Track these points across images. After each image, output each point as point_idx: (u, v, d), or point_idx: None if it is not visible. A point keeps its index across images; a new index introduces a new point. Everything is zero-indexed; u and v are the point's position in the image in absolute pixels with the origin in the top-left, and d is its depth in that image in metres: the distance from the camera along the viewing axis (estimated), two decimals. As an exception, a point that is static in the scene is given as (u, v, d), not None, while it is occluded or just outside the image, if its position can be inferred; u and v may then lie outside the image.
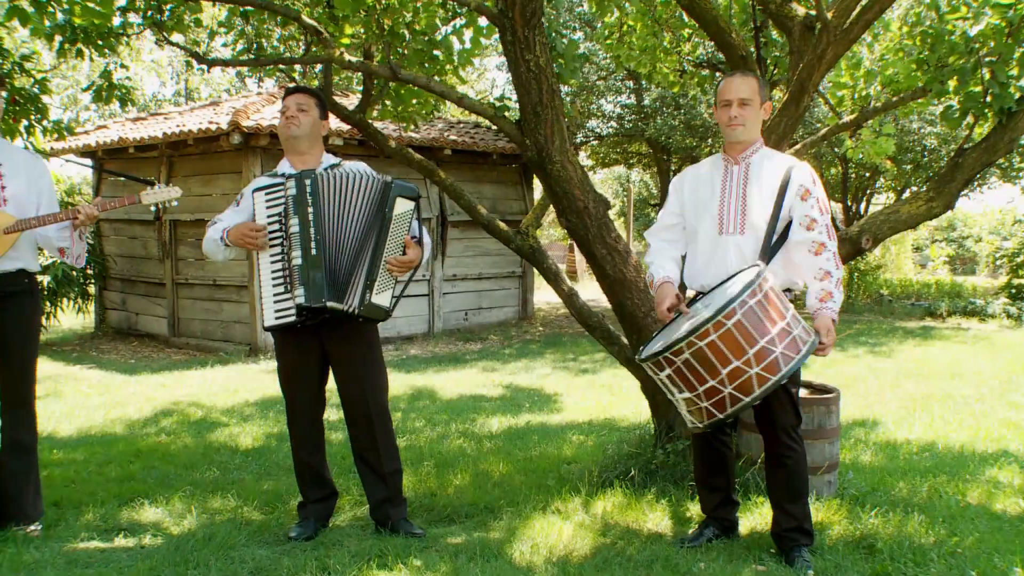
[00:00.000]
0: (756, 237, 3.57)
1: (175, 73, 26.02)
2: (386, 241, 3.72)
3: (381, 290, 3.72)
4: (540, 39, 4.24)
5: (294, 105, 3.93)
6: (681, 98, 12.38)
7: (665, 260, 3.78)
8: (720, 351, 3.28)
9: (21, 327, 3.95)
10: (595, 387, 8.57)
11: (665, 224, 3.87)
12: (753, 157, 3.64)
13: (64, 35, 5.30)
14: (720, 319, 3.27)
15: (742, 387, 3.27)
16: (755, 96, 3.58)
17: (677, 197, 3.85)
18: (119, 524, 4.15)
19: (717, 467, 3.83)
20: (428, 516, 4.25)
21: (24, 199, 3.91)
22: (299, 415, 3.98)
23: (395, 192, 3.73)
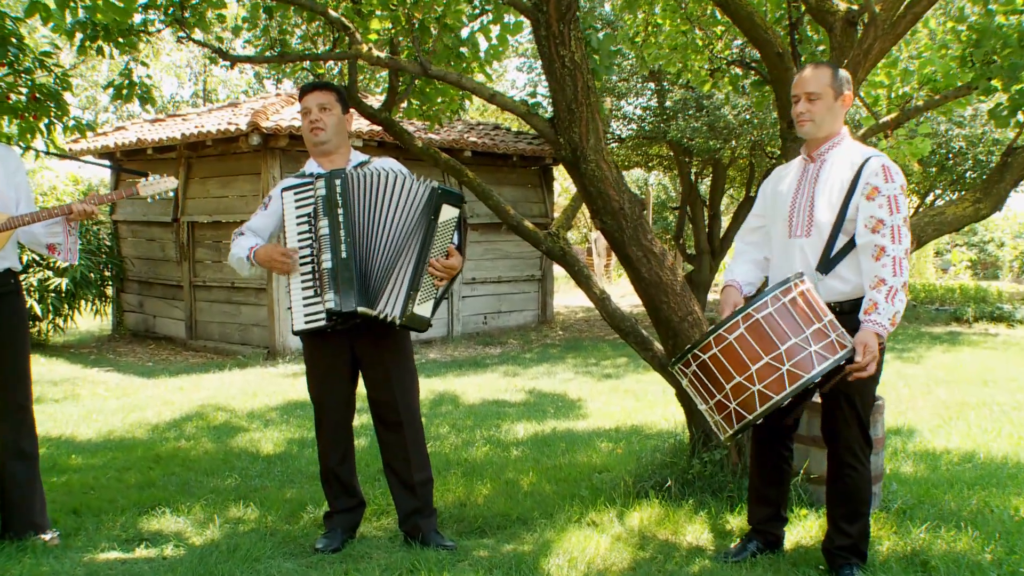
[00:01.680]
0: (821, 239, 3.37)
1: (193, 74, 26.01)
2: (430, 249, 3.55)
3: (423, 300, 3.56)
4: (575, 34, 4.10)
5: (315, 106, 3.75)
6: (705, 99, 12.21)
7: (740, 263, 3.64)
8: (723, 365, 3.16)
9: (11, 329, 3.81)
10: (619, 392, 8.41)
11: (750, 227, 3.72)
12: (830, 153, 3.43)
13: (85, 32, 5.19)
14: (722, 332, 3.14)
15: (744, 404, 3.14)
16: (826, 89, 3.38)
17: (762, 199, 3.69)
18: (140, 534, 4.03)
19: (773, 480, 3.67)
20: (458, 527, 4.11)
21: (5, 195, 3.77)
22: (327, 421, 3.84)
23: (441, 198, 3.56)
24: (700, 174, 15.98)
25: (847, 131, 3.51)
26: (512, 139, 13.46)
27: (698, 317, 4.47)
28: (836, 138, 3.46)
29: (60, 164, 13.30)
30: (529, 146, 13.24)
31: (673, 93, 13.04)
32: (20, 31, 5.19)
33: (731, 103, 11.88)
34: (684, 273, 13.64)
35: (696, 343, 3.19)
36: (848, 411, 3.37)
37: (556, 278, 16.60)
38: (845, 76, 3.46)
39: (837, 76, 3.44)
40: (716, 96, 11.88)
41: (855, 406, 3.37)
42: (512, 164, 13.28)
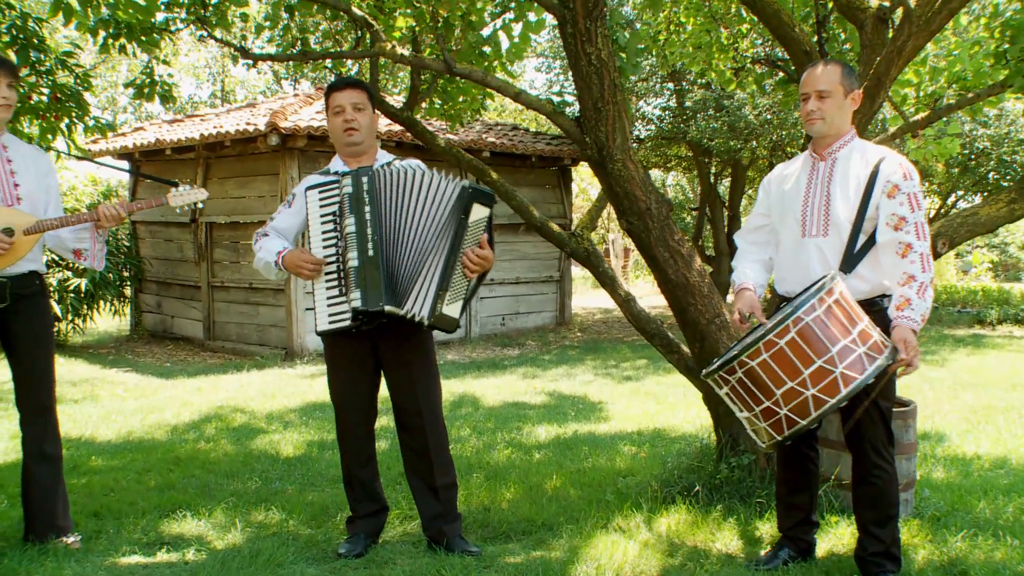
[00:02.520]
0: (840, 238, 3.31)
1: (212, 75, 26.08)
2: (460, 248, 3.48)
3: (452, 300, 3.49)
4: (602, 31, 4.04)
5: (349, 105, 3.67)
6: (725, 99, 12.11)
7: (747, 264, 3.56)
8: (773, 371, 3.07)
9: (36, 330, 3.78)
10: (640, 395, 8.33)
11: (752, 225, 3.65)
12: (841, 151, 3.38)
13: (108, 30, 5.17)
14: (771, 338, 3.06)
15: (797, 409, 3.06)
16: (836, 87, 3.32)
17: (765, 197, 3.62)
18: (161, 537, 3.99)
19: (801, 485, 3.58)
20: (482, 532, 4.04)
21: (36, 197, 3.75)
22: (350, 424, 3.78)
23: (472, 197, 3.48)
24: (719, 175, 15.87)
25: (855, 129, 3.47)
26: (531, 140, 13.41)
27: (726, 320, 4.39)
28: (846, 136, 3.41)
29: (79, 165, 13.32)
30: (548, 146, 13.18)
31: (693, 93, 12.95)
32: (42, 32, 5.16)
33: (752, 103, 11.77)
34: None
35: (744, 349, 3.09)
36: (873, 411, 3.31)
37: (573, 279, 16.51)
38: (855, 74, 3.41)
39: (847, 74, 3.38)
40: (737, 96, 11.78)
41: (879, 406, 3.31)
42: (531, 165, 13.22)
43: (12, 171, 3.69)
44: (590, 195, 24.61)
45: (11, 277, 3.66)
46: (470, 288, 3.58)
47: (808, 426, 3.05)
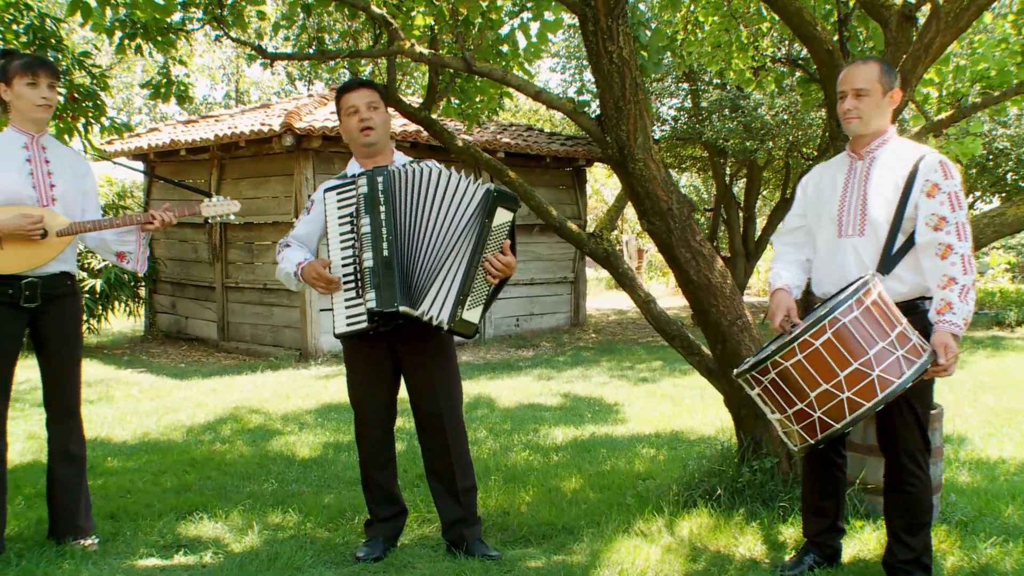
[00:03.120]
0: (877, 239, 3.24)
1: (226, 76, 26.13)
2: (483, 253, 3.42)
3: (473, 305, 3.44)
4: (624, 29, 3.99)
5: (363, 104, 3.63)
6: (741, 100, 12.03)
7: (783, 265, 3.50)
8: (808, 372, 3.00)
9: (65, 331, 3.77)
10: (656, 397, 8.27)
11: (790, 226, 3.59)
12: (880, 150, 3.31)
13: (124, 31, 5.16)
14: (807, 338, 3.00)
15: (832, 412, 2.99)
16: (874, 85, 3.25)
17: (802, 198, 3.56)
18: (178, 540, 3.96)
19: (828, 491, 3.52)
20: (502, 536, 3.99)
21: (71, 199, 3.75)
22: (369, 427, 3.74)
23: (497, 201, 3.43)
24: (734, 175, 15.78)
25: (894, 128, 3.39)
26: (545, 140, 13.36)
27: (748, 321, 4.34)
28: (885, 135, 3.34)
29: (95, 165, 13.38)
30: (562, 147, 13.13)
31: (709, 94, 12.87)
32: (59, 32, 5.15)
33: (770, 103, 11.69)
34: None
35: (778, 349, 3.04)
36: (909, 416, 3.24)
37: (588, 280, 16.45)
38: (894, 72, 3.34)
39: (886, 71, 3.31)
40: (753, 96, 11.70)
41: (915, 410, 3.24)
42: (545, 165, 13.17)
43: (49, 171, 3.69)
44: (604, 196, 24.55)
45: (42, 277, 3.65)
46: (490, 293, 3.53)
47: (842, 430, 2.99)
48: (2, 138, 3.68)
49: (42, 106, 3.63)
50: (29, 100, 3.60)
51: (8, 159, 3.61)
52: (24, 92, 3.59)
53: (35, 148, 3.68)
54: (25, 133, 3.67)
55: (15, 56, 3.67)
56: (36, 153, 3.67)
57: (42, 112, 3.65)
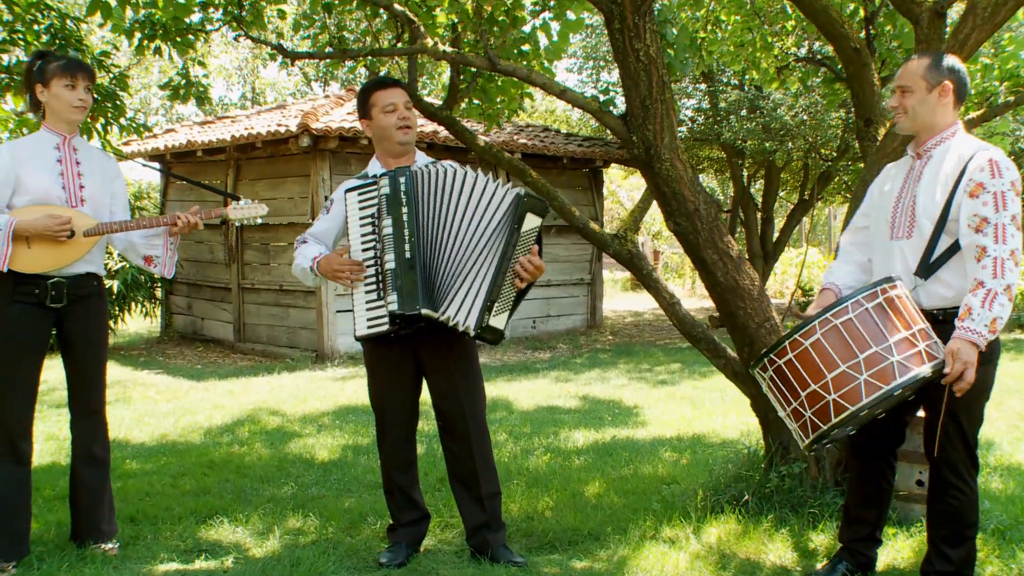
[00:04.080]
0: (921, 241, 3.14)
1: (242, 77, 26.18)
2: (511, 259, 3.37)
3: (500, 311, 3.39)
4: (651, 26, 3.93)
5: (403, 103, 3.59)
6: (760, 100, 11.93)
7: (840, 264, 3.43)
8: (798, 372, 2.98)
9: (91, 332, 3.75)
10: (676, 400, 8.19)
11: (854, 226, 3.51)
12: (936, 149, 3.20)
13: (143, 31, 5.13)
14: (797, 337, 2.97)
15: (819, 413, 2.96)
16: (918, 81, 3.16)
17: (869, 198, 3.47)
18: (199, 544, 3.91)
19: (873, 498, 3.43)
20: (527, 542, 3.93)
21: (100, 201, 3.74)
22: (391, 431, 3.69)
23: (526, 206, 3.36)
24: (752, 177, 15.67)
25: (961, 125, 3.26)
26: (562, 141, 13.29)
27: (776, 323, 4.26)
28: (945, 132, 3.21)
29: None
30: (579, 148, 13.06)
31: (727, 94, 12.77)
32: (79, 32, 5.13)
33: (794, 102, 11.57)
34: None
35: (772, 347, 3.03)
36: (951, 427, 3.13)
37: (605, 282, 16.37)
38: (947, 65, 3.23)
39: (934, 66, 3.18)
40: (772, 96, 11.59)
41: (959, 422, 3.13)
42: (562, 166, 13.10)
43: (79, 172, 3.68)
44: (619, 197, 24.48)
45: (69, 277, 3.63)
46: (516, 299, 3.47)
47: (829, 432, 2.93)
48: (35, 139, 3.69)
49: (78, 107, 3.64)
50: (66, 101, 3.60)
51: (40, 159, 3.61)
52: (62, 93, 3.60)
53: (67, 149, 3.67)
54: (58, 134, 3.67)
55: (52, 58, 3.68)
56: (67, 154, 3.67)
57: (78, 114, 3.66)
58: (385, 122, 3.61)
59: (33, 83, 3.64)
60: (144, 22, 5.12)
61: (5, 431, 3.56)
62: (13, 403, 3.57)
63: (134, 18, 5.11)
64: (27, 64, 3.79)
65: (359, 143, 10.62)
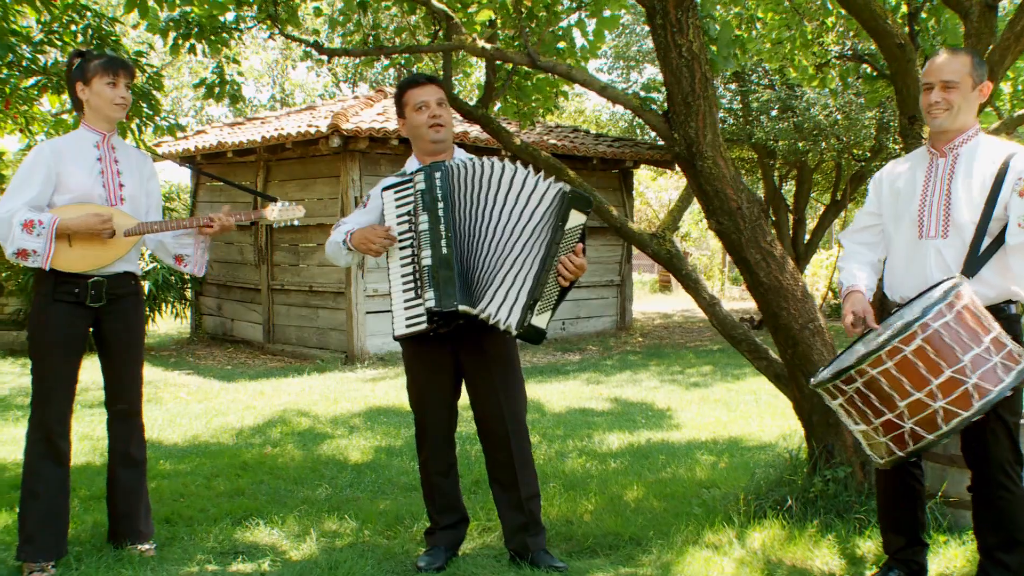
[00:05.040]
0: (962, 240, 3.08)
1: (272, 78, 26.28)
2: (555, 258, 3.30)
3: (542, 311, 3.31)
4: (693, 22, 3.85)
5: (434, 101, 3.52)
6: (793, 99, 11.78)
7: (857, 266, 3.33)
8: (897, 381, 2.83)
9: (128, 332, 3.73)
10: (709, 402, 8.09)
11: (861, 225, 3.42)
12: (964, 147, 3.15)
13: (178, 30, 5.12)
14: (896, 344, 2.82)
15: (924, 422, 2.81)
16: (964, 77, 3.09)
17: (875, 195, 3.39)
18: (235, 546, 3.88)
19: (904, 504, 3.32)
20: (566, 547, 3.86)
21: (138, 200, 3.72)
22: (431, 433, 3.63)
23: (571, 203, 3.29)
24: (784, 177, 15.49)
25: (979, 125, 3.23)
26: (592, 141, 13.22)
27: (820, 325, 4.17)
28: (971, 131, 3.18)
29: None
30: (609, 148, 12.98)
31: (759, 94, 12.62)
32: (115, 32, 5.13)
33: (821, 103, 11.42)
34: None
35: (864, 357, 2.85)
36: (998, 426, 3.06)
37: (635, 283, 16.26)
38: (984, 64, 3.17)
39: (977, 64, 3.14)
40: (806, 95, 11.45)
41: (1004, 420, 3.06)
42: (592, 167, 13.02)
43: (119, 171, 3.67)
44: (647, 198, 24.35)
45: (108, 277, 3.61)
46: (558, 298, 3.40)
47: (936, 441, 2.81)
48: (75, 137, 3.67)
49: (120, 105, 3.63)
50: (108, 99, 3.58)
51: (80, 158, 3.59)
52: (104, 91, 3.58)
53: (106, 147, 3.65)
54: (97, 132, 3.65)
55: (92, 55, 3.66)
56: (106, 152, 3.65)
57: (119, 111, 3.65)
58: (416, 120, 3.55)
59: (74, 81, 3.62)
60: (179, 21, 5.11)
61: (45, 431, 3.55)
62: (53, 403, 3.56)
63: (168, 17, 5.10)
64: (67, 62, 3.78)
65: (389, 144, 10.60)
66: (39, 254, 3.44)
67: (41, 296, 3.57)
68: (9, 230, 3.43)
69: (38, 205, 3.50)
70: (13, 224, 3.42)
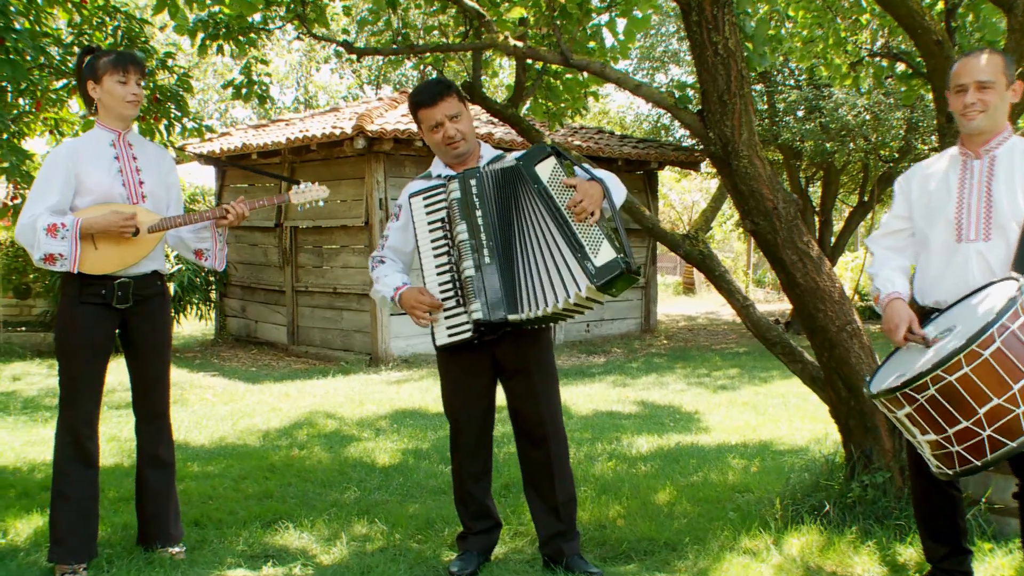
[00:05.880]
0: (1007, 243, 2.99)
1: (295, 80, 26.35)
2: (561, 210, 3.22)
3: (595, 249, 3.15)
4: (729, 18, 3.79)
5: (446, 119, 3.43)
6: (820, 99, 11.65)
7: (891, 272, 3.23)
8: (976, 387, 2.70)
9: (155, 333, 3.69)
10: (737, 405, 8.01)
11: (890, 229, 3.32)
12: (1000, 149, 3.07)
13: (206, 31, 5.11)
14: (974, 348, 2.69)
15: (1005, 429, 2.70)
16: (999, 76, 3.00)
17: (904, 199, 3.29)
18: (265, 549, 3.84)
19: (943, 511, 3.22)
20: (600, 552, 3.80)
21: (159, 196, 3.67)
22: (466, 437, 3.58)
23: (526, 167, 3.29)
24: (811, 178, 15.33)
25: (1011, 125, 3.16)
26: (616, 143, 13.15)
27: (858, 327, 4.09)
28: (1005, 132, 3.11)
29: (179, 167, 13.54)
30: (634, 150, 12.90)
31: (786, 94, 12.49)
32: (146, 33, 5.12)
33: (850, 103, 11.28)
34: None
35: (940, 362, 2.72)
36: None
37: (659, 286, 16.17)
38: (1014, 64, 3.10)
39: (1009, 63, 3.08)
40: (835, 97, 11.31)
41: None
42: (616, 168, 12.94)
43: (137, 168, 3.62)
44: (670, 200, 24.23)
45: (134, 277, 3.57)
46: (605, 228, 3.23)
47: (1017, 449, 2.70)
48: (90, 137, 3.62)
49: (132, 102, 3.56)
50: (119, 97, 3.53)
51: (98, 158, 3.54)
52: (115, 89, 3.52)
53: (122, 145, 3.61)
54: (112, 130, 3.60)
55: (102, 53, 3.60)
56: (123, 150, 3.60)
57: (132, 108, 3.59)
58: (433, 139, 3.52)
59: (84, 80, 3.56)
60: (207, 21, 5.10)
61: (73, 433, 3.53)
62: (80, 405, 3.54)
63: (197, 18, 5.09)
64: (76, 61, 3.70)
65: (414, 145, 10.57)
66: (66, 257, 3.41)
67: (67, 299, 3.53)
68: (34, 235, 3.40)
69: (60, 210, 3.46)
70: (37, 229, 3.39)
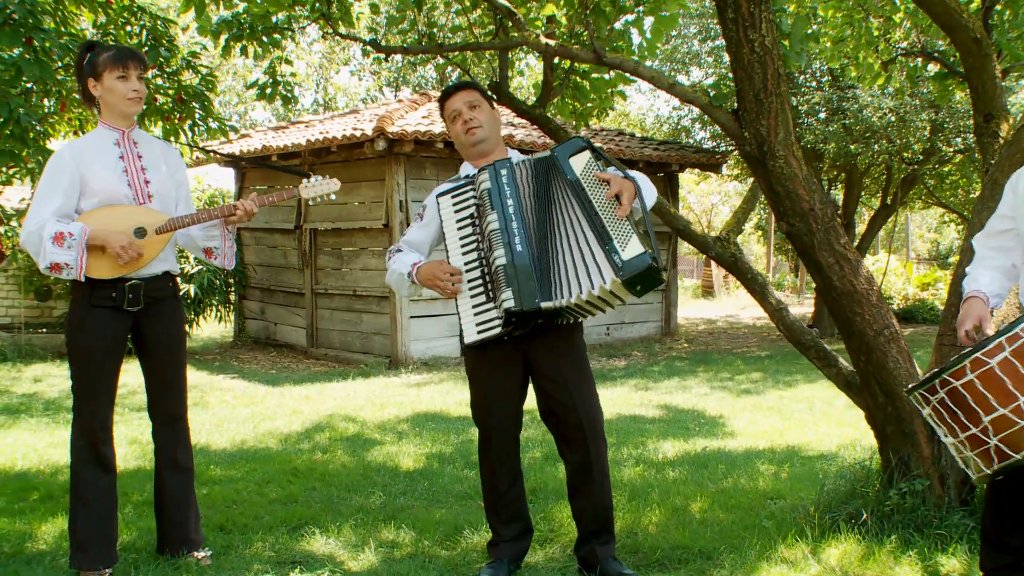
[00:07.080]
0: None
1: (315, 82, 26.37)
2: (592, 203, 3.18)
3: (623, 244, 3.08)
4: (766, 16, 3.71)
5: (464, 105, 3.45)
6: (844, 101, 11.52)
7: (983, 271, 3.11)
8: (981, 394, 2.64)
9: (169, 335, 3.61)
10: (762, 410, 7.90)
11: (994, 229, 3.17)
12: None
13: (230, 32, 5.07)
14: (979, 356, 2.63)
15: (1009, 441, 2.62)
16: None
17: (1012, 197, 3.16)
18: (292, 556, 3.78)
19: (1015, 523, 3.10)
20: (633, 559, 3.72)
21: (167, 194, 3.58)
22: (496, 440, 3.51)
23: (561, 157, 3.27)
24: (833, 181, 15.19)
25: None
26: (638, 145, 13.07)
27: (896, 331, 4.00)
28: None
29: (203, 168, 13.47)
30: (655, 152, 12.82)
31: (809, 95, 12.37)
32: (171, 32, 5.09)
33: (875, 104, 11.14)
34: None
35: (946, 367, 2.69)
36: None
37: (680, 289, 16.06)
38: None
39: None
40: (860, 98, 11.17)
41: None
42: (637, 170, 12.85)
43: (143, 167, 3.52)
44: (689, 203, 24.12)
45: (145, 279, 3.50)
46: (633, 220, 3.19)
47: (1022, 462, 2.62)
48: (94, 137, 3.52)
49: (133, 99, 3.46)
50: (120, 94, 3.43)
51: (102, 158, 3.45)
52: (115, 86, 3.43)
53: (127, 144, 3.51)
54: (116, 129, 3.51)
55: (101, 48, 3.49)
56: (128, 149, 3.51)
57: (134, 105, 3.48)
58: (454, 131, 3.53)
59: (84, 77, 3.46)
60: (231, 22, 5.06)
61: (88, 438, 3.46)
62: (94, 409, 3.46)
63: (220, 18, 5.05)
64: (76, 57, 3.59)
65: (434, 147, 10.52)
66: (72, 267, 3.33)
67: (77, 302, 3.46)
68: (40, 244, 3.33)
69: (66, 214, 3.38)
70: (43, 238, 3.32)
